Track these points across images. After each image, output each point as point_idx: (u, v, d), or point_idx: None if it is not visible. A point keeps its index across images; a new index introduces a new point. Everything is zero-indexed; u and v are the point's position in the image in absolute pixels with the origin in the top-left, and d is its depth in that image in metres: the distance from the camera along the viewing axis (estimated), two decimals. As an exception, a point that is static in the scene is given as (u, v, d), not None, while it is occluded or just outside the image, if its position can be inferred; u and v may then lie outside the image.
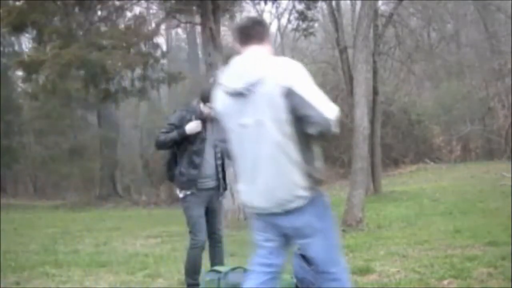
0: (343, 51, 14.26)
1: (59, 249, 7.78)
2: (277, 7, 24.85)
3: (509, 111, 21.09)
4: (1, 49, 22.96)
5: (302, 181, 2.77)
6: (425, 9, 19.65)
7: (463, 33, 25.57)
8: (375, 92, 14.07)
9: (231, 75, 2.84)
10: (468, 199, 11.11)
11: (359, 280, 4.79)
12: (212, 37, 11.43)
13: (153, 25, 17.82)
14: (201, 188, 4.46)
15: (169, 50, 26.45)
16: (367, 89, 10.16)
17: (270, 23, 37.40)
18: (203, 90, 4.66)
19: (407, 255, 5.87)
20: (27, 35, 18.04)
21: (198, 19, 12.93)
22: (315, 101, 2.68)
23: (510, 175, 13.13)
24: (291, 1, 16.23)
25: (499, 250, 5.61)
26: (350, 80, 12.14)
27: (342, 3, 16.78)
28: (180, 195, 4.51)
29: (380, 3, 16.41)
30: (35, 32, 13.73)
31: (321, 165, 2.91)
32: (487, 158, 20.72)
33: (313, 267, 2.96)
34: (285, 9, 26.77)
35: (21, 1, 12.85)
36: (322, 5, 18.13)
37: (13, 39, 23.26)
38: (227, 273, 4.08)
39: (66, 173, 21.85)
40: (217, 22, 11.85)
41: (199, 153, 4.45)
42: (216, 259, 4.60)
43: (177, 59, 30.70)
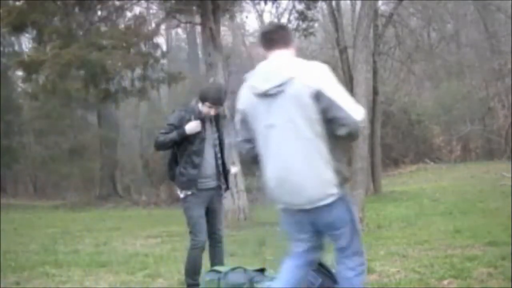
0: (343, 51, 14.27)
1: (59, 249, 7.77)
2: (277, 7, 24.76)
3: (509, 111, 21.11)
4: (1, 49, 22.93)
5: (332, 178, 2.86)
6: (425, 9, 19.65)
7: (463, 33, 25.56)
8: (375, 92, 14.09)
9: (260, 76, 2.92)
10: (468, 199, 11.11)
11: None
12: (212, 37, 11.44)
13: (153, 25, 17.81)
14: (201, 188, 4.45)
15: (169, 50, 26.43)
16: (367, 89, 10.16)
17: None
18: (202, 90, 4.68)
19: (407, 255, 5.87)
20: (27, 35, 18.02)
21: (198, 19, 12.94)
22: (343, 103, 2.80)
23: (510, 175, 13.13)
24: (291, 1, 16.22)
25: (499, 250, 5.61)
26: (350, 80, 12.13)
27: (342, 3, 16.79)
28: (180, 195, 4.50)
29: (380, 3, 16.42)
30: (35, 32, 13.72)
31: (346, 163, 3.03)
32: (487, 158, 20.73)
33: (337, 256, 3.06)
34: (285, 9, 26.66)
35: (21, 1, 12.85)
36: (322, 5, 18.12)
37: (13, 39, 23.22)
38: (227, 273, 4.08)
39: (66, 173, 21.83)
40: (217, 22, 11.86)
41: (199, 153, 4.44)
42: (216, 259, 4.60)
43: (177, 59, 30.68)
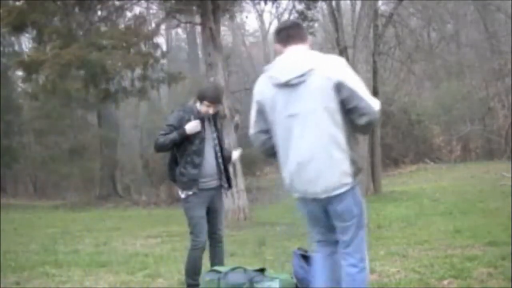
0: (343, 51, 14.26)
1: (59, 249, 7.76)
2: (277, 7, 24.79)
3: (509, 111, 21.11)
4: (1, 49, 22.93)
5: (348, 168, 2.95)
6: (425, 9, 19.66)
7: (463, 33, 25.57)
8: (375, 92, 14.05)
9: (282, 68, 3.00)
10: (468, 199, 11.11)
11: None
12: (212, 37, 11.44)
13: (153, 25, 17.84)
14: (202, 188, 4.44)
15: (169, 50, 26.46)
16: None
17: (270, 23, 37.53)
18: (200, 89, 4.69)
19: (407, 255, 5.87)
20: (27, 35, 18.03)
21: (198, 19, 12.95)
22: (363, 93, 2.92)
23: (510, 175, 13.13)
24: (291, 1, 16.23)
25: (499, 250, 5.61)
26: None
27: (342, 3, 16.80)
28: (181, 195, 4.48)
29: (380, 3, 16.43)
30: (35, 32, 13.72)
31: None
32: (487, 158, 20.73)
33: (339, 249, 3.13)
34: (285, 9, 26.70)
35: (21, 1, 12.85)
36: (322, 5, 18.12)
37: (13, 39, 23.24)
38: (227, 273, 4.08)
39: (66, 173, 21.82)
40: (217, 22, 11.87)
41: (199, 153, 4.44)
42: (216, 259, 4.59)
43: (177, 59, 30.70)
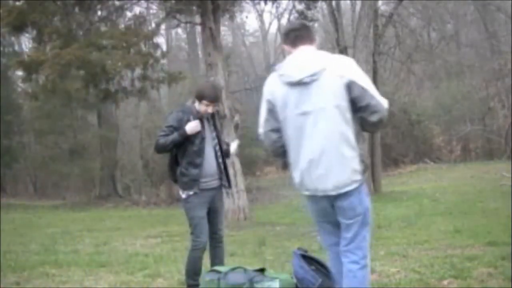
0: (343, 51, 14.25)
1: (59, 249, 7.77)
2: (277, 7, 24.82)
3: (509, 111, 21.11)
4: (1, 49, 22.94)
5: (358, 165, 3.04)
6: (425, 9, 19.69)
7: (463, 33, 25.59)
8: (375, 92, 14.08)
9: (294, 67, 3.07)
10: (468, 199, 11.11)
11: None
12: (212, 37, 11.44)
13: (153, 25, 17.84)
14: (203, 188, 4.44)
15: (169, 50, 26.42)
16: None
17: (270, 23, 37.53)
18: (198, 89, 4.68)
19: (407, 255, 5.87)
20: (27, 35, 18.03)
21: (198, 19, 12.95)
22: (374, 92, 3.02)
23: (510, 175, 13.13)
24: (291, 1, 16.23)
25: (499, 250, 5.62)
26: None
27: (342, 3, 16.80)
28: (182, 195, 4.47)
29: (380, 3, 16.44)
30: (35, 32, 13.71)
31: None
32: (487, 158, 20.73)
33: (341, 246, 3.18)
34: (285, 9, 26.74)
35: (21, 1, 12.85)
36: (322, 5, 18.12)
37: (13, 39, 23.24)
38: (227, 273, 4.08)
39: (66, 173, 21.81)
40: (217, 22, 11.87)
41: (200, 153, 4.43)
42: (216, 259, 4.59)
43: (177, 59, 30.69)
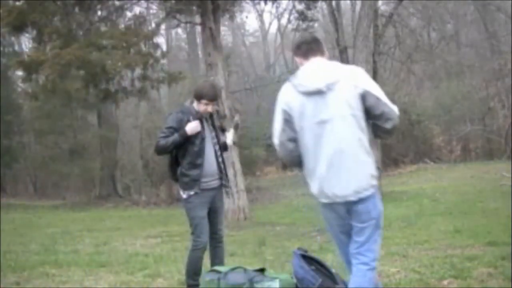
0: (343, 51, 14.25)
1: (59, 249, 7.77)
2: (277, 7, 24.88)
3: (509, 111, 21.10)
4: (1, 49, 22.94)
5: (374, 171, 3.15)
6: (425, 9, 19.68)
7: (463, 33, 25.59)
8: (375, 92, 14.07)
9: (309, 76, 3.16)
10: (468, 199, 11.11)
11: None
12: (212, 37, 11.45)
13: (153, 25, 17.85)
14: (204, 188, 4.44)
15: (169, 50, 26.43)
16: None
17: (270, 23, 37.55)
18: (196, 88, 4.67)
19: (407, 255, 5.88)
20: (27, 35, 18.03)
21: (198, 19, 12.95)
22: (386, 100, 3.13)
23: (510, 175, 13.12)
24: (291, 1, 16.24)
25: (499, 250, 5.62)
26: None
27: (342, 3, 16.79)
28: (183, 195, 4.47)
29: (380, 3, 16.43)
30: (35, 32, 13.72)
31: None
32: (487, 158, 20.71)
33: (351, 249, 3.22)
34: (285, 9, 26.84)
35: (21, 1, 12.86)
36: (322, 5, 18.13)
37: (13, 39, 23.25)
38: (227, 273, 4.08)
39: (66, 173, 21.80)
40: (217, 22, 11.87)
41: (200, 153, 4.43)
42: (216, 259, 4.59)
43: (177, 59, 30.70)
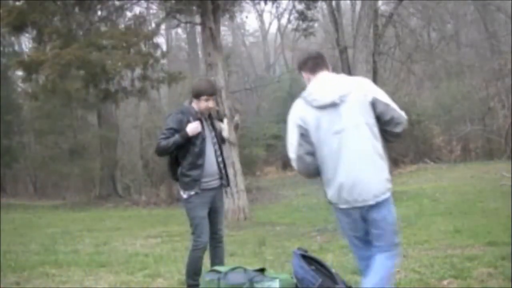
0: (343, 51, 14.27)
1: (59, 249, 7.77)
2: (277, 7, 24.87)
3: (509, 111, 21.09)
4: (1, 49, 22.95)
5: (388, 175, 3.32)
6: (425, 9, 19.68)
7: (463, 33, 25.59)
8: (375, 92, 14.07)
9: (321, 91, 3.34)
10: (468, 199, 11.10)
11: (359, 280, 4.78)
12: (212, 37, 11.44)
13: (153, 25, 17.85)
14: (204, 188, 4.44)
15: (169, 50, 26.43)
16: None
17: (270, 23, 37.55)
18: (193, 86, 4.65)
19: (407, 255, 5.86)
20: (27, 35, 18.03)
21: (198, 19, 12.95)
22: (394, 105, 3.34)
23: (510, 175, 13.12)
24: (291, 1, 16.24)
25: (499, 250, 5.62)
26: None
27: (342, 3, 16.82)
28: (183, 195, 4.47)
29: (380, 3, 16.44)
30: (35, 32, 13.71)
31: None
32: (487, 158, 20.70)
33: (373, 253, 3.37)
34: (285, 9, 26.83)
35: (21, 1, 12.86)
36: (322, 5, 18.15)
37: (13, 39, 23.24)
38: (227, 273, 4.08)
39: (66, 173, 21.81)
40: (217, 22, 11.87)
41: (201, 154, 4.43)
42: (216, 259, 4.59)
43: (177, 59, 30.69)
